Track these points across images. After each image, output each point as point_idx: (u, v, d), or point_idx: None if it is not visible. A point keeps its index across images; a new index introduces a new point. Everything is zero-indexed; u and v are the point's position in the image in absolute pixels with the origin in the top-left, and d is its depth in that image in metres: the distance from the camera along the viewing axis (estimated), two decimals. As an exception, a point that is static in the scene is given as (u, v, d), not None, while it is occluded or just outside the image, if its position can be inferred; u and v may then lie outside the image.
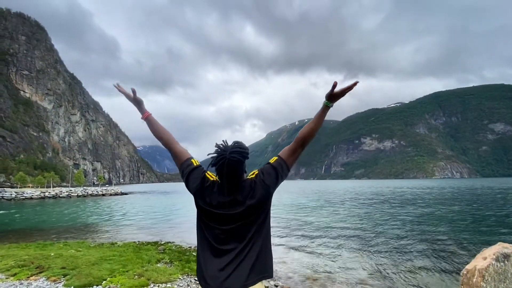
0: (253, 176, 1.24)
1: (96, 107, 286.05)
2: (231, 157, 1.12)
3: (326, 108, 1.29)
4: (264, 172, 1.24)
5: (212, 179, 1.23)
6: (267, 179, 1.21)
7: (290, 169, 1.29)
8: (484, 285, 1.79)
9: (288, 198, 31.46)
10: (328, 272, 5.99)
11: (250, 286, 1.13)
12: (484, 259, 1.93)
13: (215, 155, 1.17)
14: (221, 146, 1.17)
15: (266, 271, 1.19)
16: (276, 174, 1.23)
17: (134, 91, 1.41)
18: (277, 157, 1.29)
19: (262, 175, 1.23)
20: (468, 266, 1.96)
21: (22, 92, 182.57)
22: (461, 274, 1.95)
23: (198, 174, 1.25)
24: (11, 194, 42.87)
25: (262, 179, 1.21)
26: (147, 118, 1.40)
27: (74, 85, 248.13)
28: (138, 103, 1.43)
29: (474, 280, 1.83)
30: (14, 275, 4.68)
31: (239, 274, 1.13)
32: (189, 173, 1.26)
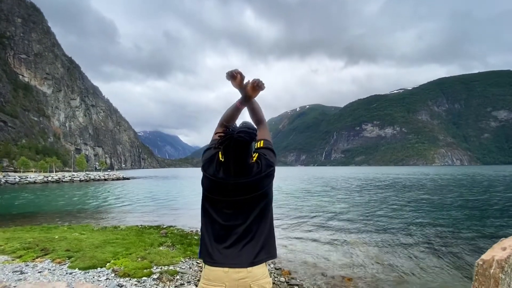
0: (255, 157, 1.26)
1: (96, 92, 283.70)
2: (238, 137, 1.11)
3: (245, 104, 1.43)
4: (265, 153, 1.28)
5: (222, 159, 1.24)
6: (270, 158, 1.27)
7: None
8: (503, 276, 1.70)
9: (289, 184, 31.72)
10: (327, 257, 6.09)
11: (256, 265, 1.14)
12: (503, 249, 1.82)
13: (222, 134, 1.16)
14: (230, 127, 1.16)
15: (271, 252, 1.21)
16: (273, 153, 1.32)
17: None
18: (263, 140, 1.35)
19: (264, 155, 1.27)
20: (484, 256, 1.84)
21: (20, 76, 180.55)
22: (475, 264, 1.85)
23: (214, 150, 1.28)
24: (14, 179, 43.41)
25: (266, 157, 1.26)
26: (239, 107, 1.41)
27: (73, 69, 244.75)
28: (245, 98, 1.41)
29: (492, 271, 1.73)
30: (20, 257, 4.77)
31: (246, 252, 1.15)
32: (209, 148, 1.32)
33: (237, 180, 1.18)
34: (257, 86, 1.30)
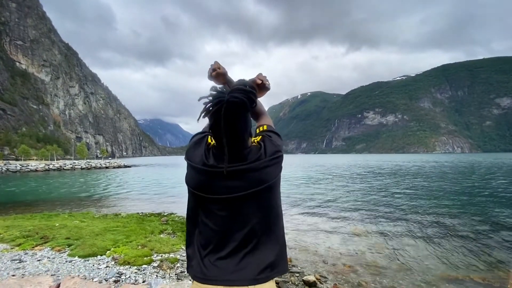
0: (258, 139, 0.97)
1: (95, 79, 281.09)
2: (231, 98, 0.78)
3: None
4: (270, 135, 1.00)
5: (211, 142, 0.94)
6: (276, 141, 0.97)
7: None
8: None
9: (290, 172, 31.80)
10: (328, 244, 6.08)
11: (261, 283, 0.83)
12: None
13: (209, 98, 0.82)
14: (218, 88, 0.85)
15: (281, 265, 0.90)
16: (280, 137, 1.03)
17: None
18: (266, 124, 1.08)
19: (269, 136, 0.98)
20: None
21: (18, 64, 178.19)
22: None
23: (202, 134, 1.01)
24: (16, 167, 43.64)
25: (271, 139, 0.96)
26: None
27: (70, 56, 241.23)
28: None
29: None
30: (19, 245, 4.74)
31: (247, 265, 0.84)
32: (197, 133, 1.06)
33: (233, 166, 0.85)
34: (264, 86, 1.04)
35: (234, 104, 0.77)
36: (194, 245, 0.91)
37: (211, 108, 0.79)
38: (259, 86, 1.03)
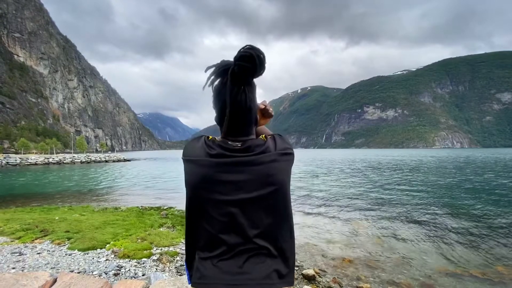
0: (268, 136, 0.87)
1: (93, 73, 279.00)
2: (241, 53, 0.71)
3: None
4: (280, 135, 0.89)
5: (211, 137, 0.85)
6: (287, 141, 0.88)
7: None
8: None
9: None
10: (328, 238, 6.10)
11: None
12: None
13: (213, 68, 0.76)
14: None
15: (288, 276, 0.80)
16: (288, 141, 0.90)
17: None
18: (271, 134, 0.92)
19: (279, 135, 0.89)
20: None
21: (16, 56, 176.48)
22: None
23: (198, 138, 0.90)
24: (15, 160, 43.65)
25: (282, 137, 0.88)
26: None
27: (69, 48, 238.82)
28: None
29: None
30: (19, 238, 4.75)
31: (253, 267, 0.76)
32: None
33: (237, 157, 0.78)
34: (267, 112, 0.94)
35: (244, 58, 0.70)
36: (198, 250, 0.83)
37: (216, 71, 0.75)
38: (262, 111, 0.94)
